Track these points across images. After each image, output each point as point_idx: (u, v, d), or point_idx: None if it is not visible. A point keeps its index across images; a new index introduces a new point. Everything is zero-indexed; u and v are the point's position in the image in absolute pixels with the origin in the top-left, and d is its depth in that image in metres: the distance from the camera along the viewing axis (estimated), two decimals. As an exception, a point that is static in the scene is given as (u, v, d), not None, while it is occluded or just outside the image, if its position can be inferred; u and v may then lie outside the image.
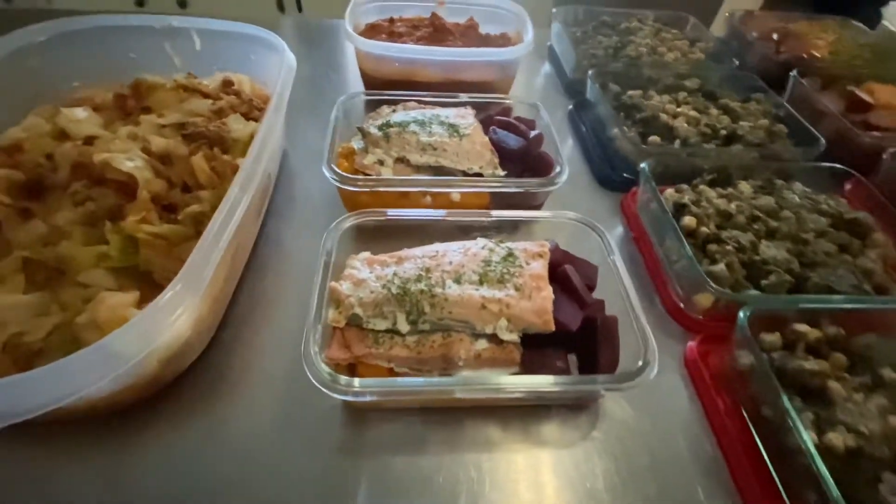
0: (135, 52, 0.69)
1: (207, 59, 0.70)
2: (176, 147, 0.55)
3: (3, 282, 0.44)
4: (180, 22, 0.68)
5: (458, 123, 0.59)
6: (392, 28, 0.84)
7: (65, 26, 0.64)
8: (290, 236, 0.60)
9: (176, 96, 0.65)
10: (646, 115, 0.70)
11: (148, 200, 0.50)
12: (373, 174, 0.56)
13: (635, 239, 0.62)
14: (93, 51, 0.66)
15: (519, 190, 0.55)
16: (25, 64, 0.62)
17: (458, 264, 0.42)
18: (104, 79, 0.67)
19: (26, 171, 0.52)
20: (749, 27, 0.96)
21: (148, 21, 0.67)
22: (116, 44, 0.68)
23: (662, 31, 0.93)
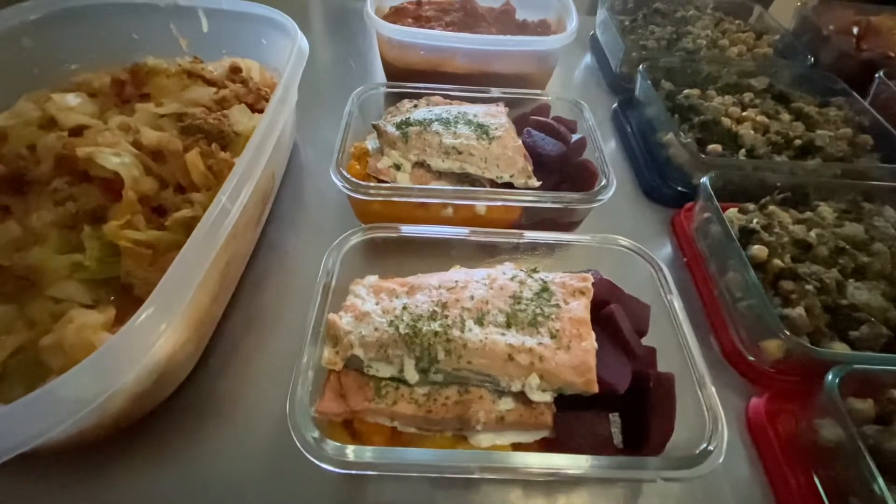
0: (138, 33, 0.63)
1: (215, 41, 0.64)
2: (169, 141, 0.49)
3: (-34, 292, 0.39)
4: (186, 2, 0.61)
5: (487, 123, 0.51)
6: (419, 12, 0.76)
7: (61, 3, 0.58)
8: (295, 245, 0.54)
9: (178, 83, 0.59)
10: (705, 118, 0.61)
11: (134, 202, 0.45)
12: (387, 180, 0.49)
13: (688, 265, 0.54)
14: (93, 30, 0.61)
15: (556, 206, 0.47)
16: (18, 44, 0.57)
17: (482, 300, 0.35)
18: (105, 61, 0.61)
19: (7, 163, 0.47)
20: (825, 19, 0.84)
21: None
22: (118, 23, 0.62)
23: (724, 20, 0.82)
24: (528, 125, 0.55)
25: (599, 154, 0.51)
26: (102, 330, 0.37)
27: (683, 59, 0.72)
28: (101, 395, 0.29)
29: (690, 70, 0.69)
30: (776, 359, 0.42)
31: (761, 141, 0.59)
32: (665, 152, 0.61)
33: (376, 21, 0.63)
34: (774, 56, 0.76)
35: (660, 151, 0.63)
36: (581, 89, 0.81)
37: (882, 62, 0.75)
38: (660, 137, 0.63)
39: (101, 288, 0.42)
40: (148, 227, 0.45)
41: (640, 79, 0.67)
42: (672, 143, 0.59)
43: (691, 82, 0.68)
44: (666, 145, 0.61)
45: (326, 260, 0.39)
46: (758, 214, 0.51)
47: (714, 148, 0.58)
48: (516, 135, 0.53)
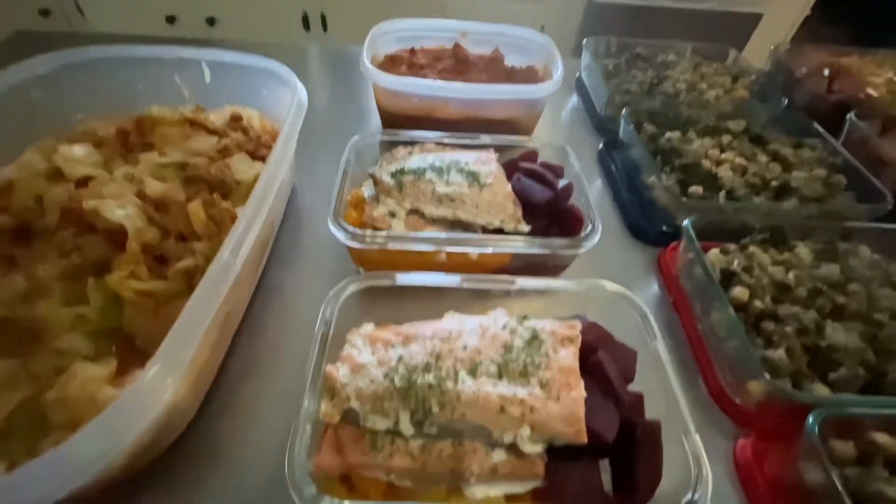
0: (143, 84, 0.66)
1: (217, 91, 0.67)
2: (173, 192, 0.51)
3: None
4: (190, 53, 0.65)
5: (478, 171, 0.54)
6: (413, 59, 0.79)
7: (69, 57, 0.61)
8: (293, 289, 0.55)
9: (181, 132, 0.61)
10: (686, 161, 0.64)
11: (137, 253, 0.46)
12: (383, 227, 0.50)
13: (675, 304, 0.55)
14: (99, 82, 0.64)
15: (544, 251, 0.49)
16: (27, 96, 0.59)
17: (474, 350, 0.36)
18: (111, 110, 0.64)
19: (14, 215, 0.48)
20: (798, 62, 0.89)
21: (157, 52, 0.64)
22: (125, 75, 0.65)
23: (702, 64, 0.86)
24: (518, 171, 0.57)
25: (585, 199, 0.53)
26: (105, 384, 0.38)
27: (664, 102, 0.75)
28: (109, 454, 0.30)
29: (671, 113, 0.73)
30: (760, 400, 0.43)
31: (740, 182, 0.62)
32: (649, 193, 0.64)
33: (372, 71, 0.66)
34: (751, 98, 0.80)
35: (644, 192, 0.65)
36: (568, 130, 0.85)
37: (853, 103, 0.79)
38: (644, 179, 0.66)
39: (104, 339, 0.43)
40: (150, 277, 0.46)
41: (624, 122, 0.70)
42: (655, 185, 0.62)
43: (672, 125, 0.72)
44: (650, 187, 0.64)
45: (324, 310, 0.41)
46: (738, 255, 0.53)
47: (695, 190, 0.61)
48: (506, 181, 0.55)
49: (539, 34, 0.80)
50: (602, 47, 0.90)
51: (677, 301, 0.55)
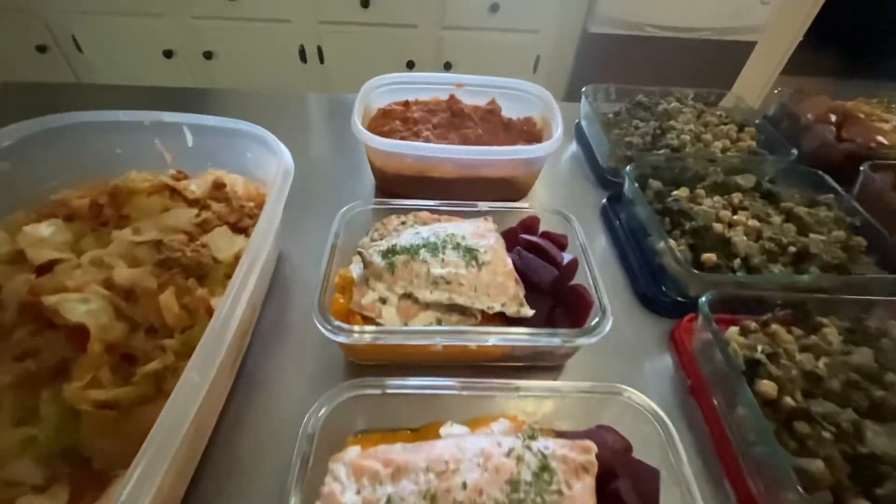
0: (121, 148, 0.62)
1: (200, 155, 0.63)
2: (143, 279, 0.46)
3: None
4: (171, 118, 0.61)
5: (476, 247, 0.50)
6: (407, 113, 0.76)
7: (39, 125, 0.57)
8: (276, 380, 0.50)
9: (159, 203, 0.58)
10: (696, 224, 0.60)
11: (101, 354, 0.42)
12: (373, 315, 0.46)
13: (692, 388, 0.51)
14: (74, 148, 0.60)
15: (551, 342, 0.44)
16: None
17: (475, 488, 0.31)
18: (87, 176, 0.60)
19: (-31, 310, 0.44)
20: (802, 107, 0.87)
21: (137, 116, 0.61)
22: (101, 140, 0.61)
23: (705, 112, 0.83)
24: (518, 242, 0.54)
25: (592, 276, 0.49)
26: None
27: (669, 156, 0.72)
28: None
29: (677, 168, 0.69)
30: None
31: (755, 248, 0.58)
32: (658, 259, 0.60)
33: (364, 134, 0.63)
34: (758, 148, 0.77)
35: (653, 257, 0.61)
36: (568, 182, 0.81)
37: (865, 153, 0.76)
38: (652, 242, 0.62)
39: (57, 461, 0.38)
40: (114, 382, 0.42)
41: (628, 179, 0.67)
42: (665, 253, 0.58)
43: (679, 180, 0.68)
44: (659, 253, 0.60)
45: (306, 424, 0.36)
46: (760, 337, 0.49)
47: (708, 258, 0.57)
48: (507, 255, 0.51)
49: (535, 86, 0.77)
50: (601, 94, 0.87)
51: (696, 386, 0.51)
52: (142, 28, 1.96)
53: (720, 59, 2.31)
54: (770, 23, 2.19)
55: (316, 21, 2.04)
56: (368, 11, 2.01)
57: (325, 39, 2.08)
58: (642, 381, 0.53)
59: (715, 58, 2.31)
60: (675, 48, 2.22)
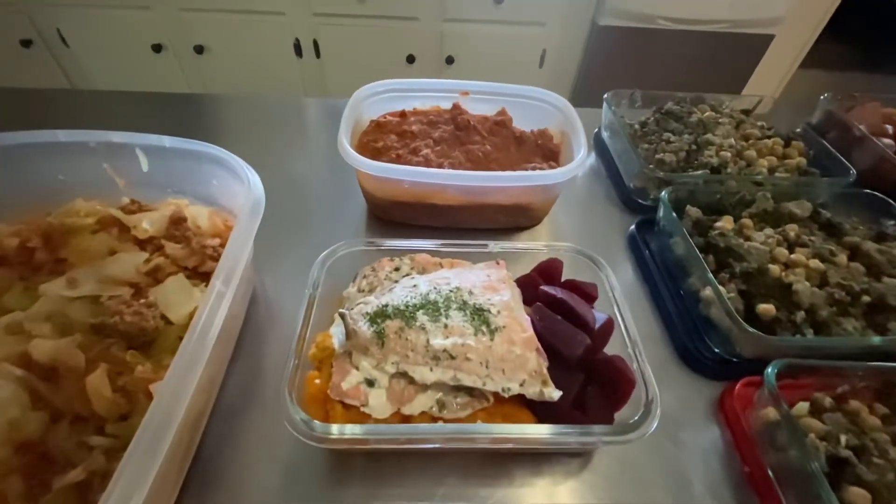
0: (64, 174, 0.52)
1: (158, 180, 0.54)
2: (69, 354, 0.37)
3: None
4: (120, 138, 0.51)
5: (487, 307, 0.40)
6: (403, 126, 0.66)
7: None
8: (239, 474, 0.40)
9: (105, 242, 0.48)
10: (749, 266, 0.50)
11: (9, 458, 0.33)
12: (356, 401, 0.37)
13: (751, 479, 0.41)
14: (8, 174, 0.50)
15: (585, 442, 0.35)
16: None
17: None
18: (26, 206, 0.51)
19: None
20: (853, 116, 0.76)
21: (80, 137, 0.51)
22: (41, 165, 0.52)
23: (745, 122, 0.73)
24: (538, 295, 0.44)
25: (631, 345, 0.40)
26: None
27: (708, 178, 0.62)
28: None
29: (719, 193, 0.59)
30: None
31: (821, 298, 0.48)
32: (703, 309, 0.50)
33: (351, 155, 0.53)
34: (808, 166, 0.67)
35: (695, 303, 0.52)
36: (588, 202, 0.71)
37: (930, 173, 0.66)
38: (693, 285, 0.52)
39: None
40: (27, 493, 0.32)
41: (664, 208, 0.57)
42: (712, 302, 0.48)
43: (721, 207, 0.58)
44: (704, 301, 0.50)
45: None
46: (839, 419, 0.39)
47: (766, 310, 0.47)
48: (524, 314, 0.41)
49: (553, 95, 0.67)
50: (625, 101, 0.77)
51: (756, 476, 0.41)
52: (129, 21, 1.87)
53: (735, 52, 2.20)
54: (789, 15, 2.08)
55: (310, 13, 1.94)
56: (365, 3, 1.91)
57: (320, 33, 1.99)
58: (687, 462, 0.43)
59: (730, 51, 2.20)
60: (688, 41, 2.11)
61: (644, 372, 0.38)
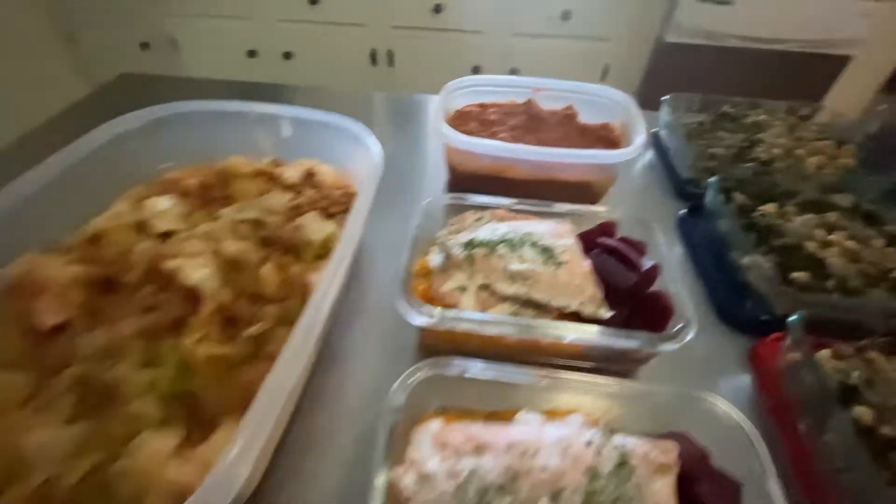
0: (225, 136, 0.68)
1: (294, 145, 0.68)
2: (247, 253, 0.51)
3: (52, 404, 0.41)
4: (272, 110, 0.67)
5: (553, 246, 0.51)
6: (483, 115, 0.78)
7: (160, 112, 0.65)
8: (354, 357, 0.54)
9: (258, 186, 0.63)
10: (786, 241, 0.57)
11: (211, 315, 0.47)
12: (452, 303, 0.48)
13: (772, 410, 0.49)
14: (186, 134, 0.67)
15: (630, 345, 0.44)
16: (122, 147, 0.63)
17: (556, 473, 0.32)
18: (195, 160, 0.67)
19: (103, 267, 0.51)
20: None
21: (242, 107, 0.67)
22: (208, 128, 0.68)
23: (799, 126, 0.79)
24: (595, 246, 0.54)
25: (676, 286, 0.49)
26: (174, 454, 0.38)
27: (757, 170, 0.69)
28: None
29: (766, 183, 0.66)
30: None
31: (852, 271, 0.54)
32: (742, 275, 0.58)
33: (444, 130, 0.66)
34: (859, 170, 0.72)
35: (735, 272, 0.59)
36: (642, 192, 0.80)
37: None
38: (735, 257, 0.60)
39: (175, 403, 0.43)
40: (221, 339, 0.46)
41: (712, 191, 0.65)
42: (751, 268, 0.56)
43: (766, 196, 0.65)
44: (743, 268, 0.58)
45: (391, 398, 0.39)
46: (856, 363, 0.46)
47: (799, 276, 0.54)
48: (583, 255, 0.51)
49: (617, 92, 0.77)
50: (683, 104, 0.85)
51: (777, 407, 0.48)
52: (232, 29, 2.13)
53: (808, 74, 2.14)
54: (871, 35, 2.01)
55: (389, 25, 2.11)
56: (440, 17, 2.06)
57: (396, 43, 2.16)
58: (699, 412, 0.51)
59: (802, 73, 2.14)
60: (757, 61, 2.09)
61: (683, 304, 0.46)
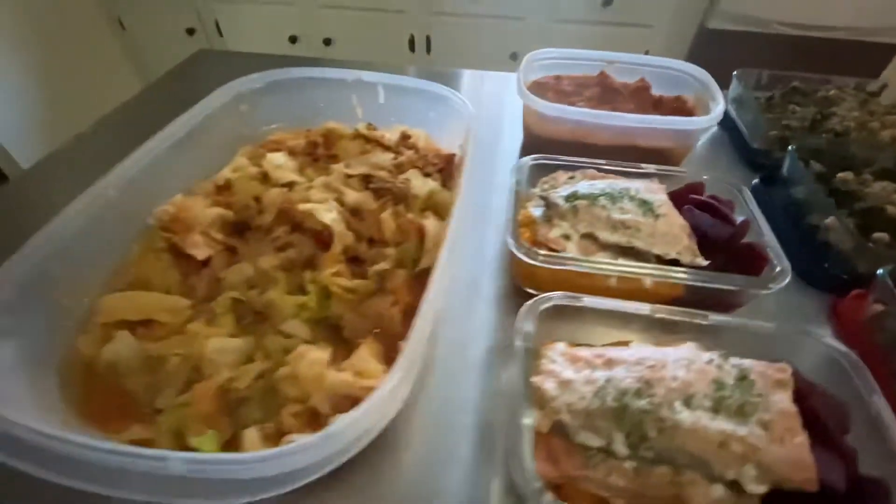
0: (323, 102, 0.74)
1: (388, 111, 0.73)
2: (366, 201, 0.56)
3: (216, 321, 0.47)
4: (370, 77, 0.71)
5: (651, 200, 0.54)
6: (559, 86, 0.82)
7: (269, 77, 0.70)
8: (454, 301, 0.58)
9: (358, 146, 0.68)
10: (866, 205, 0.60)
11: (340, 254, 0.52)
12: (557, 248, 0.52)
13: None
14: (289, 98, 0.72)
15: (730, 288, 0.48)
16: (238, 109, 0.69)
17: (685, 382, 0.36)
18: (296, 123, 0.73)
19: (236, 211, 0.56)
20: (985, 102, 0.81)
21: (342, 74, 0.72)
22: (310, 93, 0.73)
23: (870, 101, 0.81)
24: (686, 202, 0.57)
25: (768, 238, 0.52)
26: (328, 367, 0.43)
27: (831, 140, 0.71)
28: (356, 447, 0.34)
29: (841, 153, 0.68)
30: None
31: (933, 233, 0.57)
32: (822, 236, 0.60)
33: (532, 98, 0.70)
34: (932, 140, 0.73)
35: (814, 234, 0.62)
36: (712, 161, 0.82)
37: None
38: (813, 220, 0.62)
39: (318, 326, 0.48)
40: (350, 276, 0.51)
41: (790, 158, 0.67)
42: (832, 228, 0.59)
43: (843, 165, 0.67)
44: (823, 229, 0.60)
45: (522, 324, 0.43)
46: (943, 313, 0.49)
47: (881, 236, 0.57)
48: (678, 212, 0.55)
49: (691, 66, 0.79)
50: (753, 80, 0.87)
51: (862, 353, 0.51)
52: (275, 15, 2.16)
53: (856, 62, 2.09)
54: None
55: (429, 11, 2.11)
56: (480, 3, 2.05)
57: (434, 29, 2.16)
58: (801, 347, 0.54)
59: (850, 61, 2.09)
60: (803, 49, 2.04)
61: (778, 253, 0.50)
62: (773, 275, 0.48)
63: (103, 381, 0.44)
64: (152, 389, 0.42)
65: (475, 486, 0.41)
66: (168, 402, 0.41)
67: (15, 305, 0.41)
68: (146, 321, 0.47)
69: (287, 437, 0.36)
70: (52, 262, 0.45)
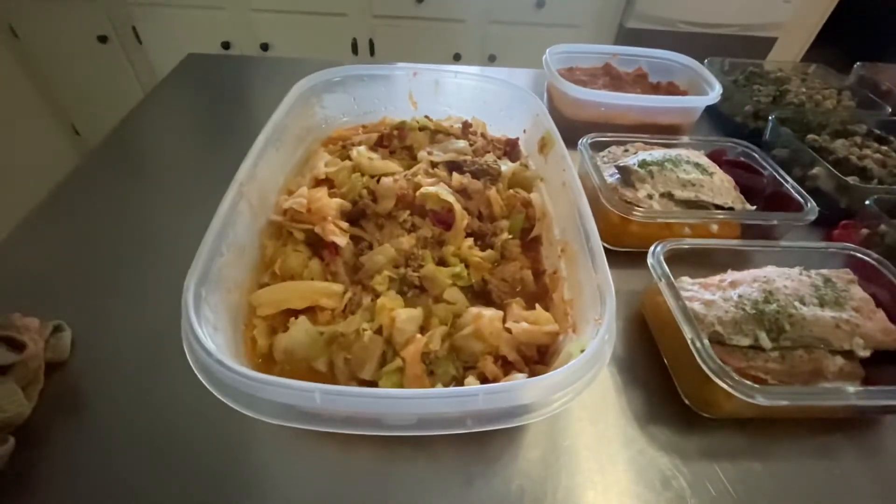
0: (380, 96, 0.77)
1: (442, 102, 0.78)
2: (471, 182, 0.62)
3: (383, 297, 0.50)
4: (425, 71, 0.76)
5: (701, 163, 0.66)
6: (573, 77, 0.93)
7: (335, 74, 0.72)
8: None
9: (426, 137, 0.73)
10: (838, 156, 0.78)
11: (462, 230, 0.57)
12: (644, 207, 0.62)
13: (855, 268, 0.68)
14: (350, 93, 0.75)
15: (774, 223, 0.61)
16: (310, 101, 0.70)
17: (794, 288, 0.48)
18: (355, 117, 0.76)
19: (351, 201, 0.59)
20: (880, 78, 1.06)
21: (395, 70, 0.76)
22: (368, 88, 0.76)
23: (808, 79, 1.02)
24: (719, 164, 0.70)
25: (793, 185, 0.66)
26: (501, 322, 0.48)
27: (795, 110, 0.90)
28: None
29: (802, 120, 0.87)
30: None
31: (884, 173, 0.76)
32: (811, 183, 0.77)
33: (568, 86, 0.79)
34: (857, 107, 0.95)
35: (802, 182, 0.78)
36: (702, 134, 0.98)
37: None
38: (798, 172, 0.79)
39: (469, 293, 0.53)
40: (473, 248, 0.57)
41: (772, 125, 0.84)
42: (819, 176, 0.75)
43: (805, 130, 0.86)
44: (810, 178, 0.77)
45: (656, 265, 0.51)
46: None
47: (852, 179, 0.75)
48: (721, 171, 0.68)
49: (682, 56, 0.94)
50: (717, 66, 1.05)
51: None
52: (202, 20, 1.96)
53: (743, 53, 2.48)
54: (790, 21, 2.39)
55: (370, 15, 2.08)
56: (421, 6, 2.05)
57: (377, 33, 2.12)
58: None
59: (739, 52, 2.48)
60: (703, 43, 2.39)
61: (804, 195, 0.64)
62: (806, 211, 0.62)
63: (279, 368, 0.46)
64: (348, 364, 0.45)
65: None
66: (372, 373, 0.44)
67: (213, 302, 0.41)
68: (307, 308, 0.49)
69: (511, 376, 0.42)
70: (218, 261, 0.45)
